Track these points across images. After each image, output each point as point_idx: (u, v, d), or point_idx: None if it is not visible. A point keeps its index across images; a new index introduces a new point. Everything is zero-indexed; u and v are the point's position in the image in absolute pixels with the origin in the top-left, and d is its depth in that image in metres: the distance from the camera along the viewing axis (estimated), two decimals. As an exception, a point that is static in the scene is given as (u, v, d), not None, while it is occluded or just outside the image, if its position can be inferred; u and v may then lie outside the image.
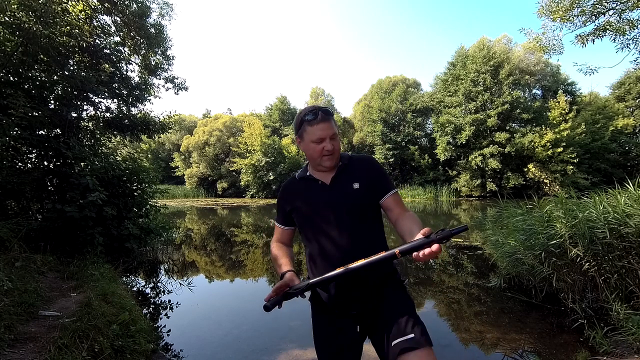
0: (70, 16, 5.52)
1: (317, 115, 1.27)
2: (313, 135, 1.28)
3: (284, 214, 1.43)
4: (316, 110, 1.29)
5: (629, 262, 2.82)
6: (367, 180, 1.33)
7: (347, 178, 1.33)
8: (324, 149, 1.27)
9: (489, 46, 23.41)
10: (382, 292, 1.29)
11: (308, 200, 1.34)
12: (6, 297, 2.58)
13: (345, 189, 1.31)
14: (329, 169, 1.34)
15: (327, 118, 1.28)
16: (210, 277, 5.33)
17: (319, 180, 1.35)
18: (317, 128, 1.27)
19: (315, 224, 1.32)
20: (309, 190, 1.36)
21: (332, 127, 1.28)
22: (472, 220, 10.11)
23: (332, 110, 1.35)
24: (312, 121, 1.28)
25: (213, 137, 32.22)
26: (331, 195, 1.31)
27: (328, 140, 1.27)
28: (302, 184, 1.40)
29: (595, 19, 6.78)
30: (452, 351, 2.74)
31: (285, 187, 1.46)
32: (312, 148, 1.30)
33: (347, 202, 1.29)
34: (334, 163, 1.31)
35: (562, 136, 20.80)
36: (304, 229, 1.37)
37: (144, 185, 6.50)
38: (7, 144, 4.74)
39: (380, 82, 29.14)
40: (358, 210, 1.29)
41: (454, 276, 4.98)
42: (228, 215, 15.68)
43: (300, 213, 1.36)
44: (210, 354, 2.71)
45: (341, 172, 1.35)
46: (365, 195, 1.31)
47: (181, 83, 7.49)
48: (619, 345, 2.45)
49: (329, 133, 1.27)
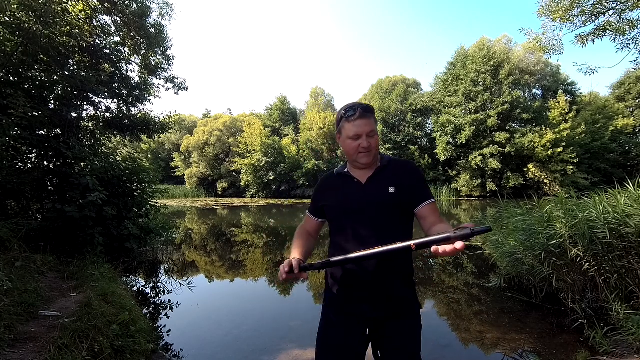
0: (70, 16, 5.52)
1: (356, 112, 1.27)
2: (350, 132, 1.28)
3: (316, 206, 1.45)
4: (356, 106, 1.28)
5: (629, 262, 2.82)
6: (404, 186, 1.29)
7: (384, 180, 1.31)
8: (359, 145, 1.27)
9: (489, 46, 23.42)
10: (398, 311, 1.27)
11: (341, 197, 1.35)
12: (6, 297, 2.58)
13: (380, 190, 1.29)
14: (365, 166, 1.33)
15: (365, 115, 1.27)
16: (210, 277, 5.33)
17: (355, 178, 1.35)
18: (354, 124, 1.27)
19: (344, 221, 1.33)
20: (343, 187, 1.36)
21: (370, 124, 1.28)
22: (472, 221, 10.10)
23: (373, 108, 1.33)
24: (350, 117, 1.28)
25: (213, 137, 32.23)
26: (364, 195, 1.30)
27: (364, 137, 1.27)
28: (338, 180, 1.40)
29: (595, 19, 6.78)
30: (452, 351, 2.74)
31: (323, 181, 1.48)
32: (348, 144, 1.30)
33: (379, 204, 1.28)
34: (370, 160, 1.31)
35: (562, 136, 20.81)
36: (333, 223, 1.38)
37: (144, 185, 6.50)
38: (7, 144, 4.74)
39: (380, 82, 29.15)
40: (388, 214, 1.27)
41: (454, 276, 4.98)
42: (228, 215, 15.68)
43: (331, 208, 1.37)
44: (210, 354, 2.71)
45: (378, 173, 1.33)
46: (399, 200, 1.28)
47: (181, 83, 7.49)
48: (619, 345, 2.45)
49: (365, 130, 1.26)
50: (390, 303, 1.25)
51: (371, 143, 1.28)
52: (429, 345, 2.81)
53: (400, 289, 1.28)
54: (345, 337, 1.27)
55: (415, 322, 1.30)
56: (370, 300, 1.25)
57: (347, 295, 1.28)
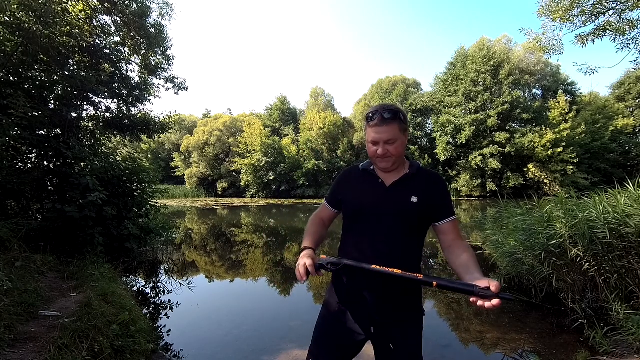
0: (70, 16, 5.51)
1: (376, 117, 1.23)
2: (369, 136, 1.28)
3: (335, 197, 1.44)
4: (379, 111, 1.24)
5: (629, 262, 2.82)
6: (427, 199, 1.28)
7: (408, 189, 1.29)
8: (376, 151, 1.25)
9: (489, 46, 23.43)
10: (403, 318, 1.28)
11: (362, 195, 1.33)
12: (6, 297, 2.58)
13: (402, 198, 1.27)
14: (385, 170, 1.32)
15: (386, 121, 1.22)
16: (210, 277, 5.33)
17: (379, 179, 1.33)
18: (373, 130, 1.25)
19: (360, 219, 1.32)
20: (366, 185, 1.35)
21: (389, 131, 1.22)
22: (472, 220, 10.11)
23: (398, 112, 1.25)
24: (370, 121, 1.26)
25: (213, 137, 32.23)
26: (386, 199, 1.29)
27: (382, 144, 1.23)
28: (362, 176, 1.38)
29: (595, 19, 6.78)
30: (452, 351, 2.74)
31: (346, 173, 1.46)
32: (368, 147, 1.30)
33: (399, 212, 1.26)
34: (388, 166, 1.28)
35: (562, 136, 20.82)
36: (349, 219, 1.37)
37: (144, 185, 6.49)
38: (7, 144, 4.74)
39: (380, 82, 29.17)
40: (406, 224, 1.26)
41: (454, 276, 4.98)
42: (228, 215, 15.68)
43: (349, 204, 1.36)
44: (210, 354, 2.71)
45: (404, 180, 1.31)
46: (420, 212, 1.27)
47: (181, 83, 7.49)
48: (619, 345, 2.45)
49: (383, 137, 1.23)
50: (396, 310, 1.26)
51: (389, 150, 1.24)
52: (429, 345, 2.81)
53: (408, 297, 1.28)
54: (347, 326, 1.29)
55: (419, 328, 1.31)
56: (378, 303, 1.25)
57: (356, 292, 1.28)
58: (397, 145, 1.25)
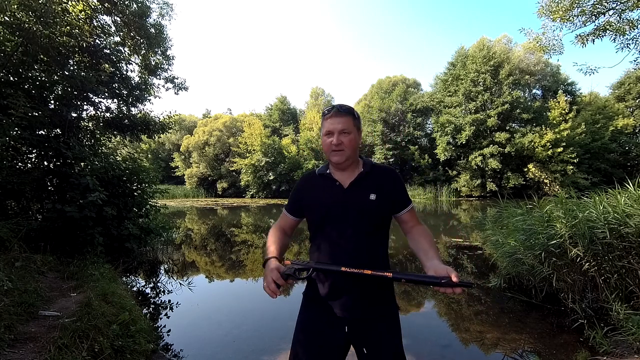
0: (70, 16, 5.52)
1: (331, 111, 1.31)
2: (324, 128, 1.32)
3: (295, 205, 1.45)
4: (335, 106, 1.33)
5: (629, 262, 2.82)
6: (385, 193, 1.32)
7: (366, 186, 1.33)
8: (331, 142, 1.29)
9: (489, 46, 23.42)
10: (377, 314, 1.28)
11: (322, 199, 1.35)
12: (6, 297, 2.58)
13: (361, 197, 1.31)
14: (338, 166, 1.34)
15: (340, 113, 1.29)
16: (210, 277, 5.33)
17: (336, 181, 1.35)
18: (329, 122, 1.30)
19: (324, 223, 1.33)
20: (325, 190, 1.36)
21: (344, 122, 1.28)
22: (472, 220, 10.11)
23: (353, 109, 1.34)
24: (326, 114, 1.32)
25: (213, 137, 32.23)
26: (345, 200, 1.31)
27: (336, 134, 1.28)
28: (320, 181, 1.40)
29: (595, 19, 6.78)
30: (452, 351, 2.74)
31: (304, 180, 1.48)
32: (323, 141, 1.34)
33: (359, 211, 1.29)
34: (342, 160, 1.30)
35: (562, 136, 20.81)
36: (313, 225, 1.38)
37: (144, 185, 6.50)
38: (7, 144, 4.74)
39: (380, 82, 29.15)
40: (368, 221, 1.30)
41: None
42: (228, 215, 15.68)
43: (312, 210, 1.38)
44: (210, 354, 2.71)
45: (361, 179, 1.34)
46: (380, 207, 1.31)
47: (181, 83, 7.49)
48: (619, 345, 2.45)
49: (337, 127, 1.28)
50: (373, 305, 1.27)
51: (343, 141, 1.27)
52: (429, 345, 2.82)
53: (383, 292, 1.30)
54: (325, 334, 1.28)
55: (394, 321, 1.32)
56: (350, 302, 1.26)
57: (329, 294, 1.28)
58: (351, 139, 1.30)
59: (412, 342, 2.83)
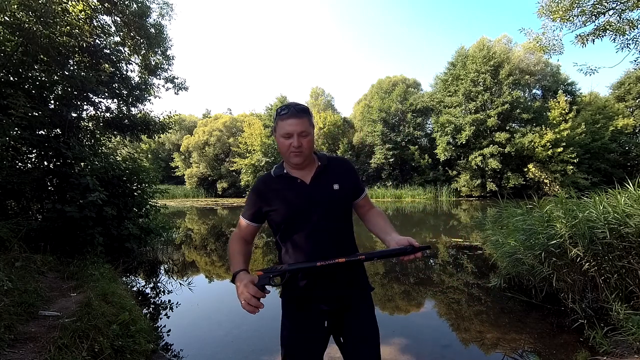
0: (70, 16, 5.52)
1: (289, 111, 1.28)
2: (282, 130, 1.28)
3: (255, 210, 1.39)
4: (290, 105, 1.30)
5: (629, 262, 2.82)
6: (345, 182, 1.38)
7: (327, 179, 1.37)
8: (291, 144, 1.27)
9: (489, 46, 23.42)
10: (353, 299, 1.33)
11: (288, 200, 1.33)
12: (6, 297, 2.58)
13: (326, 189, 1.34)
14: (297, 166, 1.34)
15: (298, 115, 1.27)
16: (210, 277, 5.33)
17: (297, 179, 1.35)
18: (286, 123, 1.27)
19: (294, 223, 1.32)
20: (288, 190, 1.35)
21: (302, 124, 1.27)
22: (472, 220, 10.11)
23: (308, 108, 1.34)
24: (283, 116, 1.28)
25: (213, 137, 32.23)
26: (312, 194, 1.32)
27: (296, 136, 1.26)
28: (280, 182, 1.37)
29: (595, 19, 6.78)
30: (452, 351, 2.74)
31: (262, 183, 1.41)
32: (281, 143, 1.31)
33: (328, 202, 1.33)
34: (301, 160, 1.31)
35: (562, 136, 20.81)
36: (282, 228, 1.35)
37: (144, 185, 6.50)
38: (7, 144, 4.74)
39: (380, 82, 29.14)
40: (337, 211, 1.35)
41: (454, 276, 4.98)
42: (228, 215, 15.68)
43: (279, 212, 1.34)
44: (210, 354, 2.71)
45: (321, 173, 1.37)
46: (345, 196, 1.38)
47: (181, 83, 7.49)
48: (619, 345, 2.45)
49: (297, 129, 1.26)
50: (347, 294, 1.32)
51: (302, 143, 1.28)
52: (429, 345, 2.82)
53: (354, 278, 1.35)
54: (308, 331, 1.31)
55: (370, 305, 1.38)
56: (328, 294, 1.30)
57: (305, 293, 1.30)
58: (310, 140, 1.31)
59: (412, 342, 2.83)
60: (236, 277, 1.21)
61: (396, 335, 2.96)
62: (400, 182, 25.52)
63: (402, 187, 24.68)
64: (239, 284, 1.16)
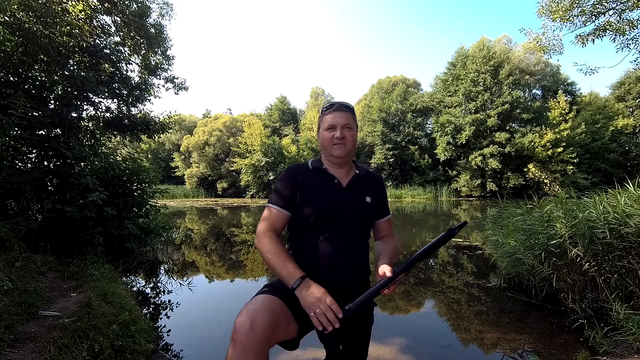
0: (70, 16, 5.51)
1: (333, 106, 1.33)
2: (326, 123, 1.32)
3: (290, 197, 1.28)
4: (335, 102, 1.35)
5: (629, 262, 2.82)
6: (376, 198, 1.38)
7: (362, 189, 1.36)
8: (334, 136, 1.28)
9: (489, 46, 23.43)
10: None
11: (323, 195, 1.29)
12: (6, 297, 2.58)
13: (360, 198, 1.34)
14: (339, 160, 1.32)
15: (342, 109, 1.31)
16: (210, 277, 5.33)
17: (335, 178, 1.33)
18: (331, 116, 1.31)
19: (322, 220, 1.26)
20: (324, 184, 1.32)
21: (346, 117, 1.30)
22: (472, 220, 10.11)
23: (352, 106, 1.38)
24: (327, 110, 1.34)
25: (213, 137, 32.24)
26: (347, 198, 1.31)
27: (339, 128, 1.28)
28: (316, 176, 1.34)
29: (595, 19, 6.78)
30: (452, 351, 2.74)
31: (296, 170, 1.35)
32: (324, 136, 1.33)
33: (360, 211, 1.32)
34: (344, 153, 1.30)
35: (562, 136, 20.82)
36: (305, 222, 1.28)
37: (144, 185, 6.49)
38: (7, 144, 4.74)
39: (380, 82, 29.15)
40: (364, 222, 1.34)
41: (454, 276, 4.98)
42: (228, 215, 15.68)
43: (309, 205, 1.27)
44: (210, 354, 2.71)
45: (357, 181, 1.37)
46: (374, 211, 1.38)
47: (181, 83, 7.49)
48: (619, 345, 2.45)
49: (340, 121, 1.29)
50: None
51: (346, 135, 1.29)
52: (429, 345, 2.81)
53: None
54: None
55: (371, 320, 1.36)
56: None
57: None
58: (353, 134, 1.32)
59: (412, 342, 2.83)
60: (303, 284, 1.09)
61: (396, 335, 2.95)
62: (400, 182, 25.53)
63: (402, 187, 24.68)
64: (319, 295, 1.06)
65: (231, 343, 1.02)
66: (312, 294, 1.06)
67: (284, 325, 1.10)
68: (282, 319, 1.09)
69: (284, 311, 1.11)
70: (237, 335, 0.99)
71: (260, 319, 1.00)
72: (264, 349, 1.01)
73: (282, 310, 1.11)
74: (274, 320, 1.03)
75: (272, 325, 1.02)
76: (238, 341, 0.98)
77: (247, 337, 0.97)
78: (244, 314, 1.04)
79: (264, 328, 0.99)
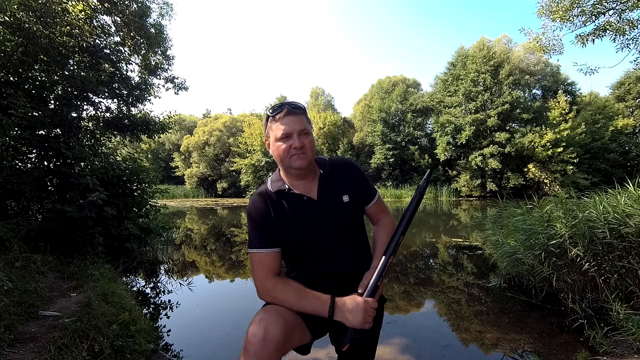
0: (70, 16, 5.51)
1: (282, 109, 1.13)
2: (278, 132, 1.12)
3: (268, 232, 1.16)
4: (283, 104, 1.15)
5: (629, 262, 2.82)
6: (354, 191, 1.24)
7: (335, 190, 1.21)
8: (291, 146, 1.11)
9: (489, 46, 23.43)
10: None
11: (299, 224, 1.17)
12: (6, 297, 2.58)
13: (336, 203, 1.20)
14: (300, 171, 1.16)
15: (294, 112, 1.13)
16: (210, 277, 5.33)
17: (304, 196, 1.18)
18: (282, 122, 1.12)
19: (306, 247, 1.19)
20: (296, 209, 1.17)
21: (301, 121, 1.13)
22: (472, 220, 10.11)
23: (304, 106, 1.20)
24: (276, 116, 1.14)
25: (213, 137, 32.24)
26: (322, 213, 1.17)
27: (296, 135, 1.11)
28: (282, 201, 1.18)
29: (595, 19, 6.79)
30: (452, 351, 2.74)
31: (260, 202, 1.19)
32: (278, 147, 1.13)
33: (340, 217, 1.19)
34: (305, 164, 1.13)
35: (562, 136, 20.82)
36: (294, 254, 1.21)
37: (144, 185, 6.50)
38: (7, 144, 4.74)
39: (380, 82, 29.16)
40: (348, 225, 1.22)
41: (454, 276, 4.98)
42: (228, 215, 15.68)
43: (288, 238, 1.17)
44: (210, 353, 2.71)
45: (326, 183, 1.21)
46: (356, 207, 1.25)
47: (181, 83, 7.50)
48: (619, 345, 2.45)
49: (295, 128, 1.11)
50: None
51: (305, 143, 1.12)
52: (429, 345, 2.81)
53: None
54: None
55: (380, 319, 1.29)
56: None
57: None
58: (311, 140, 1.15)
59: (412, 342, 2.83)
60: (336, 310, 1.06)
61: (396, 335, 2.95)
62: (400, 182, 25.53)
63: (402, 187, 24.69)
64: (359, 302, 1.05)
65: (243, 352, 0.99)
66: (351, 311, 1.05)
67: (297, 334, 1.09)
68: (295, 329, 1.08)
69: (297, 321, 1.10)
70: (250, 345, 0.97)
71: (274, 330, 0.99)
72: (277, 357, 1.00)
73: (295, 320, 1.09)
74: (287, 331, 1.02)
75: (286, 335, 1.01)
76: (252, 351, 0.96)
77: (260, 348, 0.96)
78: (257, 323, 1.02)
79: (277, 339, 0.98)
